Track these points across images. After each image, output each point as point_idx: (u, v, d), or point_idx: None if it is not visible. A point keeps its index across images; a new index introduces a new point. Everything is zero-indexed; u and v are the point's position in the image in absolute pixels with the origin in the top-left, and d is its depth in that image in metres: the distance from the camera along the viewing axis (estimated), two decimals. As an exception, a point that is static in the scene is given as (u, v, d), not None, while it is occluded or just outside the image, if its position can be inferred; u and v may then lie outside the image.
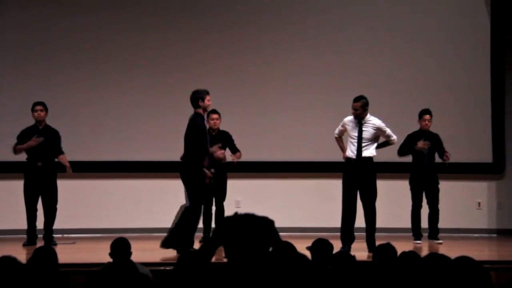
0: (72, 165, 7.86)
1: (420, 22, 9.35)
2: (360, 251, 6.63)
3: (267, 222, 2.75)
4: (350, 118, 7.32)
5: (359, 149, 7.18)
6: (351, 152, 7.24)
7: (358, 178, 7.18)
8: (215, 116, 7.99)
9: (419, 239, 8.08)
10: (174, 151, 8.67)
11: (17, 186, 8.02)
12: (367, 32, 9.27)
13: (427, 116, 8.16)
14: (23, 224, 7.81)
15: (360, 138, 7.19)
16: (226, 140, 8.03)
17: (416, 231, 8.13)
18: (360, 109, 7.19)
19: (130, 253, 4.64)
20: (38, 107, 7.72)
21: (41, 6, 9.09)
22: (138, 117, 9.05)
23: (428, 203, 8.21)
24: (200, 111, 6.84)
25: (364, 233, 7.22)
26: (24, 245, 7.58)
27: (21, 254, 3.73)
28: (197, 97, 6.81)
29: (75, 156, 8.10)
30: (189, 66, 9.11)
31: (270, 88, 9.08)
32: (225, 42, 9.18)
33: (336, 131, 7.52)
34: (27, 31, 9.04)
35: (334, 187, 7.79)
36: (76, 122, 8.80)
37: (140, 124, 9.03)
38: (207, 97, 6.84)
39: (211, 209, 8.01)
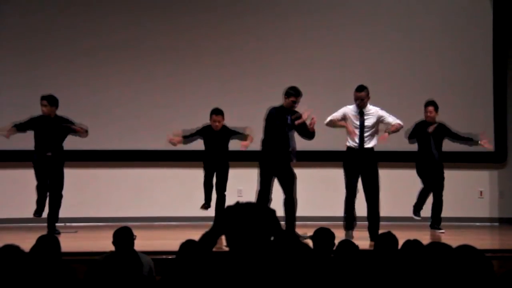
0: (73, 154, 7.84)
1: (422, 15, 9.30)
2: (362, 240, 6.64)
3: (268, 211, 2.75)
4: (352, 107, 7.29)
5: (361, 139, 7.18)
6: (352, 141, 7.23)
7: (360, 167, 7.18)
8: (217, 118, 7.66)
9: (419, 215, 8.04)
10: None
11: (21, 175, 8.03)
12: (370, 26, 9.22)
13: (430, 108, 8.11)
14: (28, 213, 7.81)
15: (362, 128, 7.18)
16: (228, 133, 7.87)
17: (418, 207, 8.05)
18: (366, 98, 7.18)
19: (133, 243, 4.65)
20: (43, 102, 7.54)
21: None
22: (139, 107, 9.04)
23: (432, 191, 8.19)
24: (283, 103, 7.20)
25: (366, 222, 7.23)
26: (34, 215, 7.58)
27: (25, 243, 3.73)
28: (285, 91, 7.20)
29: (76, 145, 8.09)
30: (190, 57, 9.10)
31: (272, 78, 9.04)
32: (227, 33, 9.14)
33: (332, 117, 7.31)
34: (29, 21, 9.02)
35: (335, 176, 7.79)
36: (77, 111, 8.71)
37: (142, 114, 9.03)
38: (292, 98, 7.13)
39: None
